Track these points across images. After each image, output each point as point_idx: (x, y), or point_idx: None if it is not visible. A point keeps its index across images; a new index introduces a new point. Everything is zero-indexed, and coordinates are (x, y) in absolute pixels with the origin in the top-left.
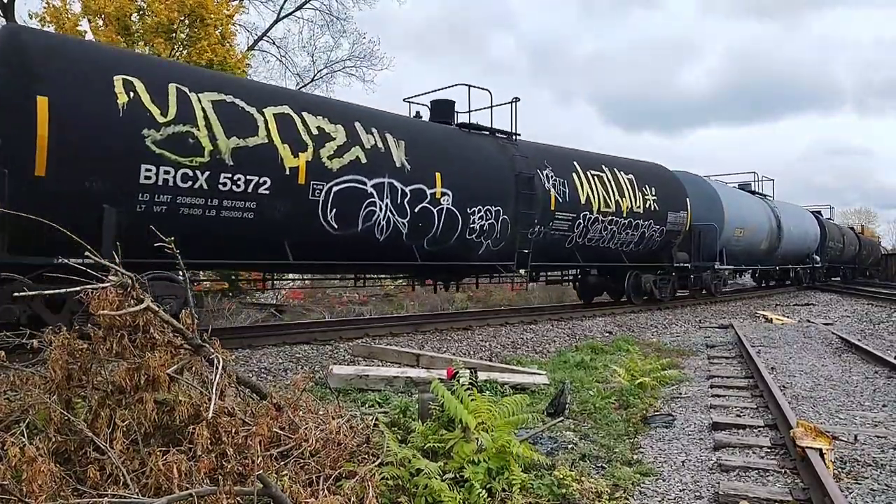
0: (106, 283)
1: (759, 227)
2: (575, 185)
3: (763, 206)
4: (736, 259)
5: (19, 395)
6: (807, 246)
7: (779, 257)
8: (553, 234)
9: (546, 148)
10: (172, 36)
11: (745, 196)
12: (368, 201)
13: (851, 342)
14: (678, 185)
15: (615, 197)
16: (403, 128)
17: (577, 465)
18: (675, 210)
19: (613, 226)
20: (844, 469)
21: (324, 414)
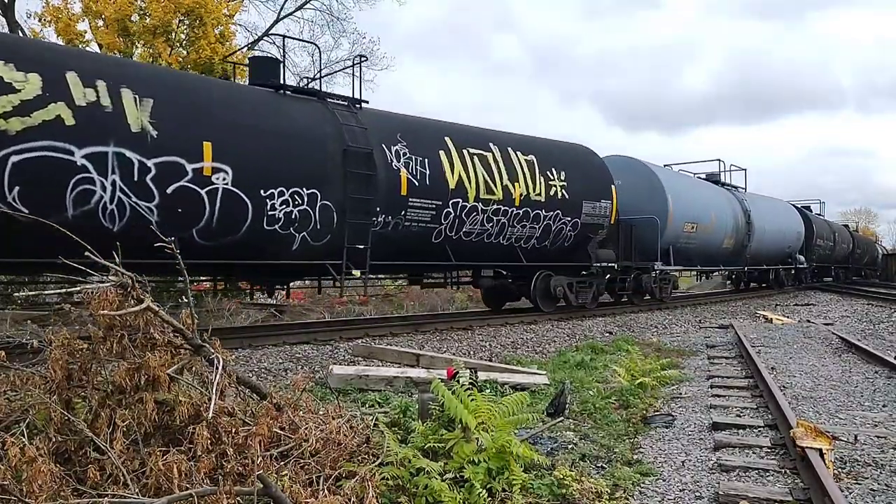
0: (106, 283)
1: (719, 222)
2: (441, 166)
3: (728, 199)
4: (689, 259)
5: (19, 395)
6: (787, 244)
7: (749, 257)
8: (410, 226)
9: (403, 119)
10: (171, 37)
11: (703, 186)
12: (79, 177)
13: (851, 342)
14: (599, 170)
15: (504, 182)
16: (153, 83)
17: (577, 465)
18: (594, 199)
19: (503, 217)
20: (844, 469)
21: (324, 414)
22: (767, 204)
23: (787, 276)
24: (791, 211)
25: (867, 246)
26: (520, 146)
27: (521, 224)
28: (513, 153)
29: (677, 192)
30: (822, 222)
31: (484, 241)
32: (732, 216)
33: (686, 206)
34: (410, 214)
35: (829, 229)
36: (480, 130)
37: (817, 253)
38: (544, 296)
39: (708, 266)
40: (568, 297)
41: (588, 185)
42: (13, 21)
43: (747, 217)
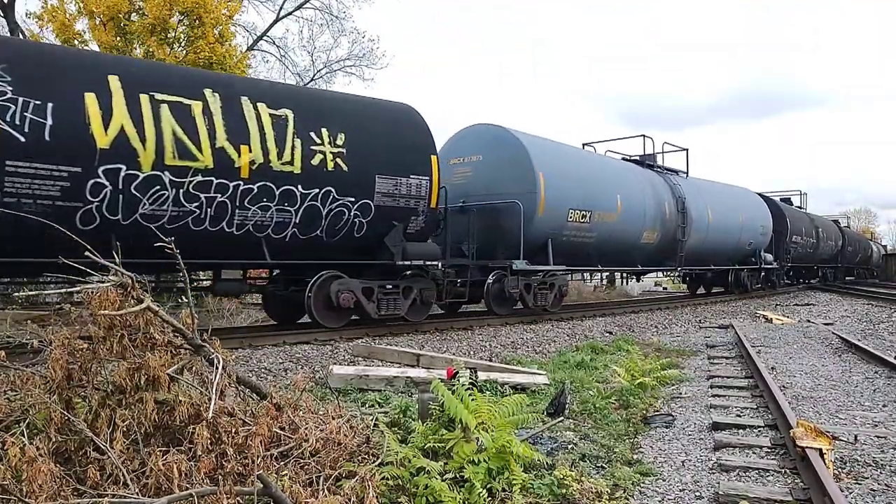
0: (106, 283)
1: (632, 210)
2: (84, 114)
3: (653, 184)
4: (583, 256)
5: (19, 395)
6: (749, 241)
7: (685, 255)
8: (20, 203)
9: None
10: (169, 35)
11: (609, 167)
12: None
13: (851, 342)
14: (412, 136)
15: (218, 143)
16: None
17: (577, 465)
18: (396, 174)
19: (219, 194)
20: (844, 469)
21: (324, 414)
22: (717, 192)
23: (751, 279)
24: (755, 202)
25: (859, 243)
26: (265, 96)
27: (261, 205)
28: (246, 104)
29: (557, 171)
30: (800, 216)
31: (192, 229)
32: (656, 204)
33: (571, 188)
34: (19, 184)
35: (810, 224)
36: (196, 72)
37: (794, 251)
38: (326, 306)
39: (619, 266)
40: (363, 306)
41: (388, 155)
42: (13, 22)
43: (680, 206)
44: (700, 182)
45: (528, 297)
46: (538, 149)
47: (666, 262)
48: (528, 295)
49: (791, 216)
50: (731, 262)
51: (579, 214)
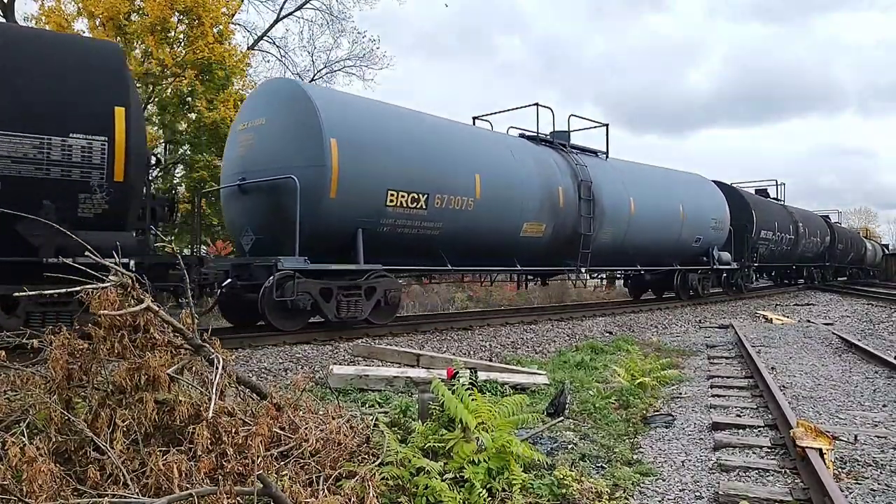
0: (106, 283)
1: (505, 195)
2: None
3: (544, 164)
4: (429, 253)
5: (19, 395)
6: (694, 237)
7: (596, 255)
8: None
9: None
10: (169, 35)
11: (461, 136)
12: None
13: (852, 342)
14: (87, 74)
15: None
16: None
17: (577, 465)
18: (45, 131)
19: None
20: (844, 469)
21: (324, 414)
22: (646, 177)
23: (704, 282)
24: (706, 191)
25: (852, 241)
26: None
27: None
28: None
29: (366, 139)
30: (774, 208)
31: None
32: (544, 189)
33: (392, 163)
34: None
35: (787, 218)
36: None
37: (763, 249)
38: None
39: (490, 265)
40: None
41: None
42: (13, 22)
43: (583, 191)
44: (623, 165)
45: (327, 305)
46: (336, 109)
47: (566, 262)
48: (329, 303)
49: (759, 208)
50: (674, 263)
51: (408, 198)
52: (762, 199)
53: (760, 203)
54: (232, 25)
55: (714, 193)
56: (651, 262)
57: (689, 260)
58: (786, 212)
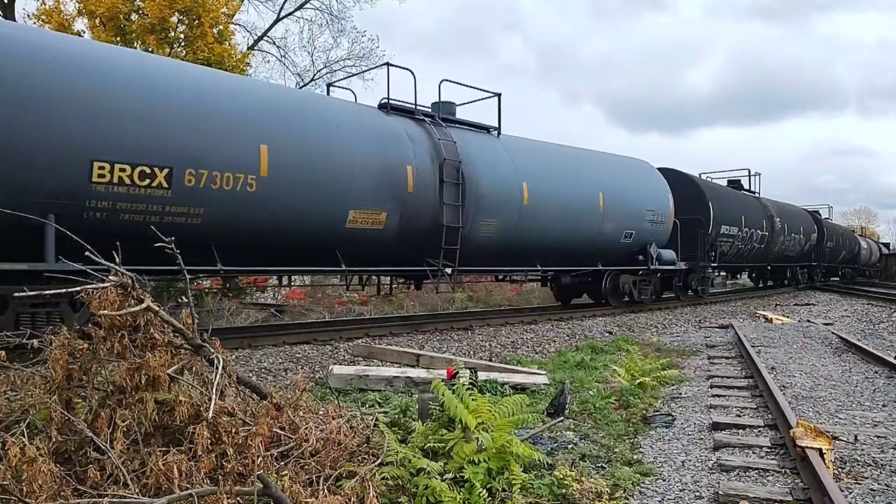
0: (106, 283)
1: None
2: None
3: (388, 138)
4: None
5: (19, 395)
6: (621, 232)
7: (472, 254)
8: None
9: None
10: (169, 35)
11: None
12: None
13: (851, 342)
14: None
15: None
16: None
17: (577, 465)
18: None
19: None
20: (844, 469)
21: (324, 414)
22: (553, 158)
23: (640, 286)
24: (643, 177)
25: (844, 238)
26: None
27: None
28: None
29: (52, 83)
30: (741, 201)
31: None
32: (385, 167)
33: (103, 122)
34: None
35: (759, 211)
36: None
37: (726, 246)
38: None
39: (290, 264)
40: None
41: None
42: (13, 21)
43: (448, 173)
44: (520, 144)
45: None
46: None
47: (426, 261)
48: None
49: (718, 200)
50: (598, 262)
51: (133, 173)
52: (724, 190)
53: (721, 194)
54: (232, 25)
55: (654, 181)
56: (562, 261)
57: (621, 259)
58: (759, 205)
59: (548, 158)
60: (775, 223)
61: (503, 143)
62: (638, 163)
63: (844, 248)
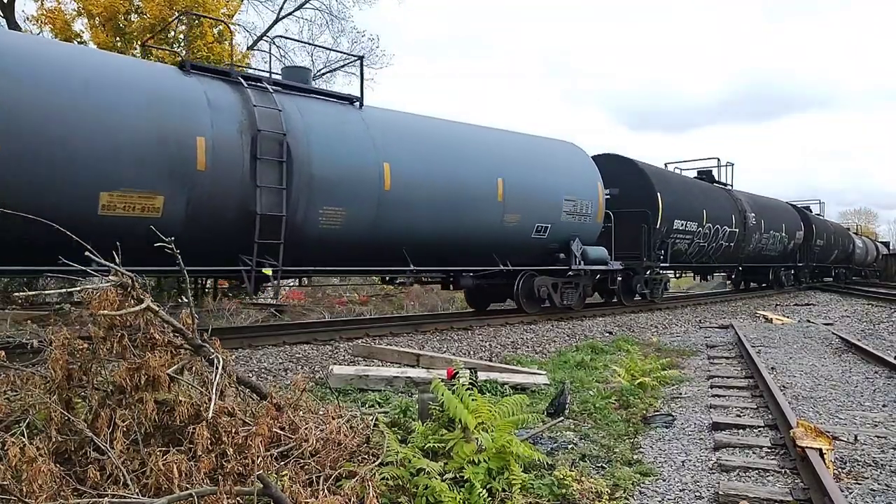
0: (106, 283)
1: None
2: None
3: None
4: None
5: (19, 395)
6: (532, 225)
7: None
8: None
9: None
10: (169, 35)
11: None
12: None
13: (851, 342)
14: None
15: None
16: None
17: (577, 465)
18: None
19: None
20: (844, 469)
21: (324, 414)
22: (432, 136)
23: (563, 289)
24: (564, 161)
25: (837, 237)
26: None
27: None
28: None
29: None
30: (704, 193)
31: None
32: (163, 140)
33: None
34: None
35: (728, 206)
36: None
37: (682, 244)
38: None
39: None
40: None
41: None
42: (13, 22)
43: (266, 148)
44: (390, 118)
45: None
46: None
47: (241, 259)
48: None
49: (669, 190)
50: (505, 261)
51: None
52: (680, 181)
53: (675, 185)
54: (232, 26)
55: (577, 166)
56: (448, 259)
57: (536, 258)
58: (727, 197)
59: (426, 137)
60: (748, 219)
61: (365, 116)
62: (558, 145)
63: (837, 247)
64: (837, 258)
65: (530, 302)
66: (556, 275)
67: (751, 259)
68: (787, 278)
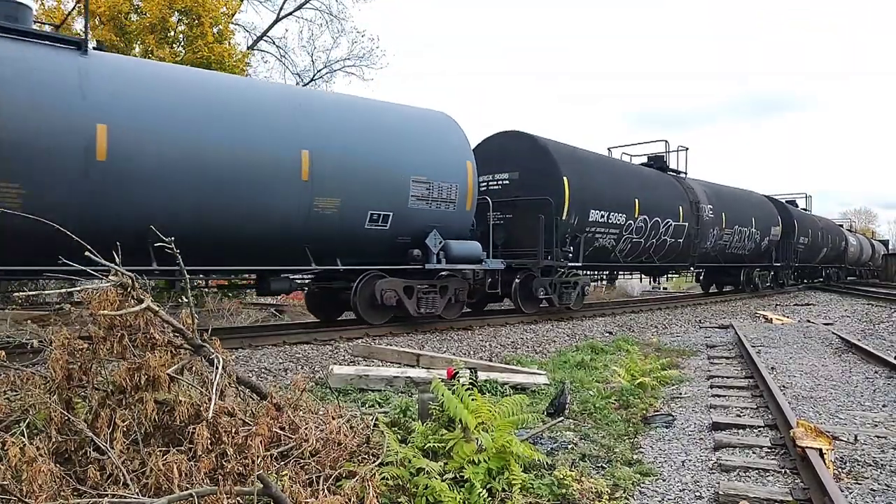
0: (106, 283)
1: None
2: None
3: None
4: None
5: (19, 395)
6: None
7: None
8: None
9: None
10: (169, 35)
11: None
12: None
13: (851, 342)
14: None
15: None
16: None
17: (577, 465)
18: None
19: None
20: (844, 469)
21: (324, 414)
22: (178, 86)
23: (421, 295)
24: (421, 129)
25: (825, 234)
26: None
27: None
28: None
29: None
30: (628, 176)
31: None
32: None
33: None
34: None
35: (675, 195)
36: None
37: (601, 239)
38: None
39: None
40: None
41: None
42: None
43: None
44: (127, 66)
45: None
46: None
47: None
48: None
49: (580, 173)
50: (320, 260)
51: None
52: (599, 161)
53: (589, 166)
54: (232, 25)
55: (438, 140)
56: (218, 257)
57: (380, 255)
58: (674, 185)
59: (189, 96)
60: (703, 211)
61: (87, 64)
62: (414, 113)
63: (826, 245)
64: (827, 257)
65: (372, 311)
66: (411, 276)
67: (710, 258)
68: (763, 279)
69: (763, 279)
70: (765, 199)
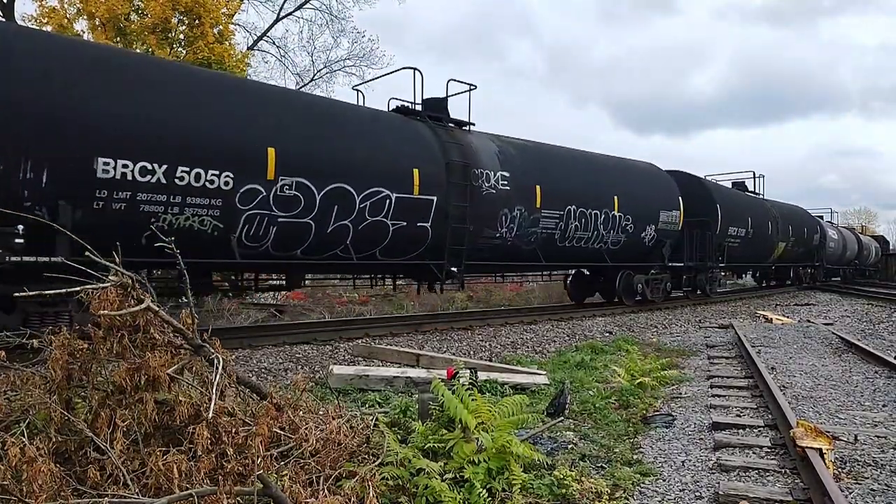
0: (106, 283)
1: None
2: None
3: None
4: None
5: (19, 395)
6: None
7: None
8: None
9: None
10: (169, 35)
11: None
12: None
13: (851, 342)
14: None
15: None
16: None
17: (577, 465)
18: None
19: None
20: (844, 469)
21: (324, 414)
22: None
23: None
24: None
25: (798, 228)
26: None
27: None
28: None
29: None
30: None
31: None
32: None
33: None
34: None
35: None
36: None
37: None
38: None
39: None
40: None
41: None
42: (13, 21)
43: None
44: None
45: None
46: None
47: None
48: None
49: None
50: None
51: None
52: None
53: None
54: (232, 26)
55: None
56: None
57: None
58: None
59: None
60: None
61: None
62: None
63: (786, 238)
64: (791, 254)
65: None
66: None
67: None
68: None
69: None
70: (658, 173)
